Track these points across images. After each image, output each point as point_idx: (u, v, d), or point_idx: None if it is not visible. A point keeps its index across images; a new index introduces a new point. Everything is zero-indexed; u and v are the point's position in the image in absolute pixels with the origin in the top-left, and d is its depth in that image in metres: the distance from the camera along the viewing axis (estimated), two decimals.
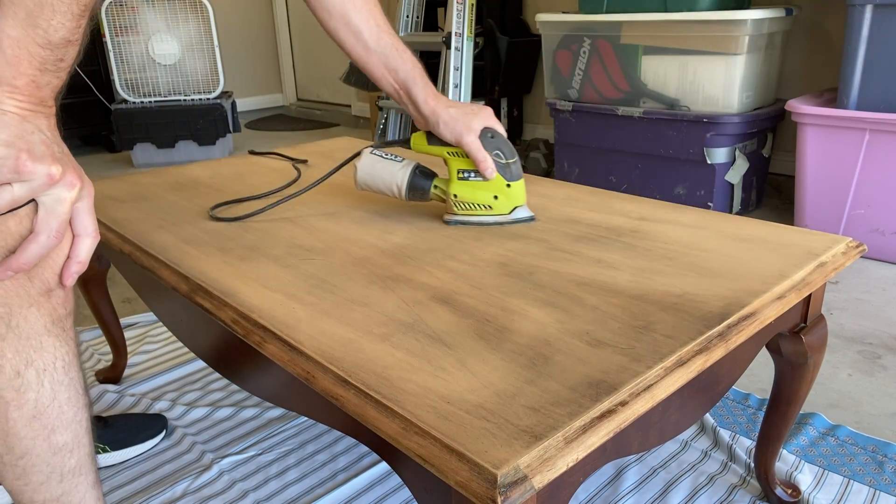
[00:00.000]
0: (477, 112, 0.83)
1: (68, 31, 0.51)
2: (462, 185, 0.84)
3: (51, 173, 0.52)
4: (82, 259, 0.58)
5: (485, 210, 0.84)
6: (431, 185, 0.87)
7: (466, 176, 0.84)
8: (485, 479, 0.41)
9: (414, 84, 0.83)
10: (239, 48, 4.51)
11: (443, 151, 0.84)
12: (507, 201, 0.84)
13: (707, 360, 0.55)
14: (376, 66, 0.84)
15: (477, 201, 0.84)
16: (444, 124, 0.82)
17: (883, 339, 1.40)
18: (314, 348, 0.56)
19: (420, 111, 0.84)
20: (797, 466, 1.01)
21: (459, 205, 0.84)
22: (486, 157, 0.82)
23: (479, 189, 0.84)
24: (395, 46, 0.84)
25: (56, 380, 0.60)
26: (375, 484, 1.01)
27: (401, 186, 0.86)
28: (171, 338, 1.49)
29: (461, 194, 0.84)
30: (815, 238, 0.77)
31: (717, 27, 1.93)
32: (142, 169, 3.12)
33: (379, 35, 0.84)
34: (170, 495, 1.01)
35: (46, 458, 0.61)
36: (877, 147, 1.72)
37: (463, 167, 0.84)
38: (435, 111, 0.83)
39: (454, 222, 0.85)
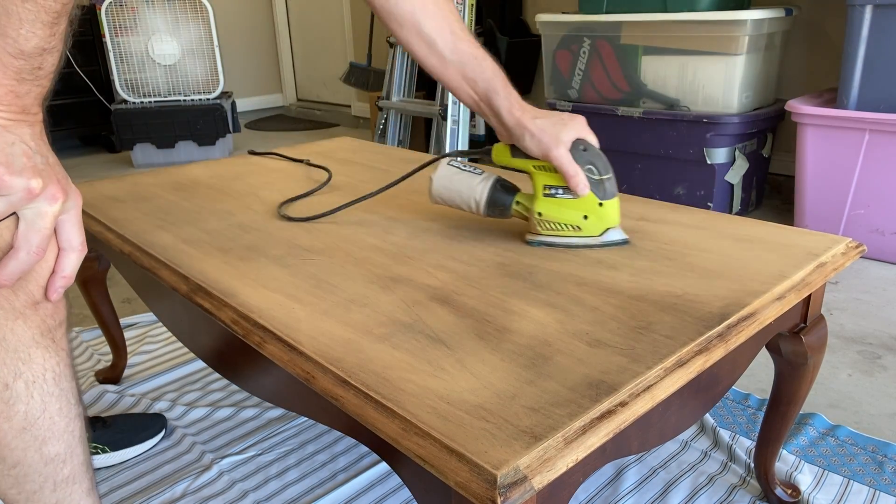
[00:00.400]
0: (567, 122, 0.75)
1: (41, 39, 0.50)
2: (548, 202, 0.77)
3: (30, 187, 0.51)
4: (67, 274, 0.57)
5: (572, 231, 0.77)
6: (513, 200, 0.80)
7: (554, 193, 0.76)
8: (484, 479, 0.41)
9: (496, 94, 0.77)
10: (239, 48, 4.51)
11: (528, 165, 0.77)
12: (598, 221, 0.76)
13: (707, 361, 0.55)
14: (453, 77, 0.79)
15: (564, 221, 0.76)
16: (530, 136, 0.75)
17: (883, 339, 1.40)
18: (314, 348, 0.56)
19: (503, 122, 0.77)
20: (797, 466, 1.01)
21: (544, 224, 0.77)
22: (577, 171, 0.74)
23: (568, 207, 0.76)
24: (474, 55, 0.78)
25: (46, 391, 0.59)
26: (375, 484, 1.01)
27: (479, 201, 0.80)
28: (170, 338, 1.49)
29: (547, 212, 0.77)
30: (815, 238, 0.77)
31: (716, 27, 1.93)
32: (141, 169, 3.12)
33: (455, 44, 0.78)
34: (170, 495, 1.01)
35: (38, 469, 0.61)
36: (877, 147, 1.72)
37: (550, 183, 0.76)
38: (520, 122, 0.76)
39: (537, 243, 0.78)
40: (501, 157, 0.80)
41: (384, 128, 2.95)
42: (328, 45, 4.40)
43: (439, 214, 0.90)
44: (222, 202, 1.00)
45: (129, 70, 3.05)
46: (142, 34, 3.04)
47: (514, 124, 0.76)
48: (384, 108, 2.93)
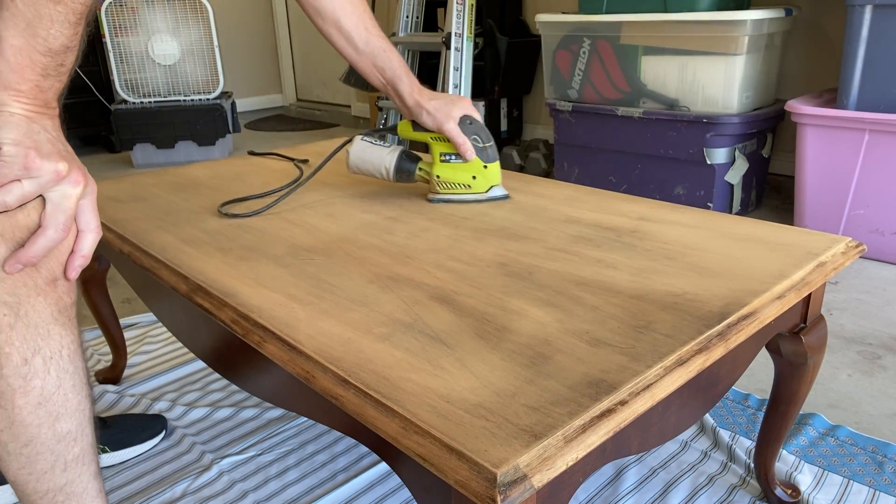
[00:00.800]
0: (456, 101, 0.93)
1: (67, 38, 0.54)
2: (444, 166, 0.94)
3: (58, 170, 0.55)
4: (85, 253, 0.60)
5: (464, 189, 0.94)
6: (416, 167, 0.97)
7: (448, 158, 0.94)
8: (484, 478, 0.41)
9: (400, 81, 0.93)
10: (239, 48, 4.51)
11: (426, 137, 0.95)
12: (484, 181, 0.94)
13: (707, 360, 0.55)
14: (366, 65, 0.94)
15: (458, 181, 0.94)
16: (426, 114, 0.92)
17: (882, 339, 1.40)
18: (314, 348, 0.56)
19: (405, 104, 0.94)
20: (797, 467, 1.01)
21: (442, 184, 0.94)
22: (465, 140, 0.92)
23: (460, 170, 0.94)
24: (383, 48, 0.93)
25: (62, 367, 0.62)
26: (375, 484, 1.01)
27: (389, 169, 0.96)
28: (170, 338, 1.49)
29: (444, 175, 0.94)
30: (815, 238, 0.77)
31: (716, 27, 1.93)
32: (141, 169, 3.12)
33: (368, 38, 0.93)
34: (169, 496, 1.01)
35: (51, 446, 0.63)
36: (876, 147, 1.72)
37: (445, 150, 0.94)
38: (419, 103, 0.93)
39: (437, 200, 0.95)
40: (405, 132, 0.97)
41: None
42: (328, 45, 4.40)
43: (439, 215, 0.90)
44: (222, 202, 1.00)
45: (128, 70, 3.05)
46: (142, 34, 3.04)
47: (414, 104, 0.93)
48: (384, 108, 2.93)
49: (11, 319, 0.58)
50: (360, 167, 0.97)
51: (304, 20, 4.53)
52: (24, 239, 0.57)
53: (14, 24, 0.52)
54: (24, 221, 0.56)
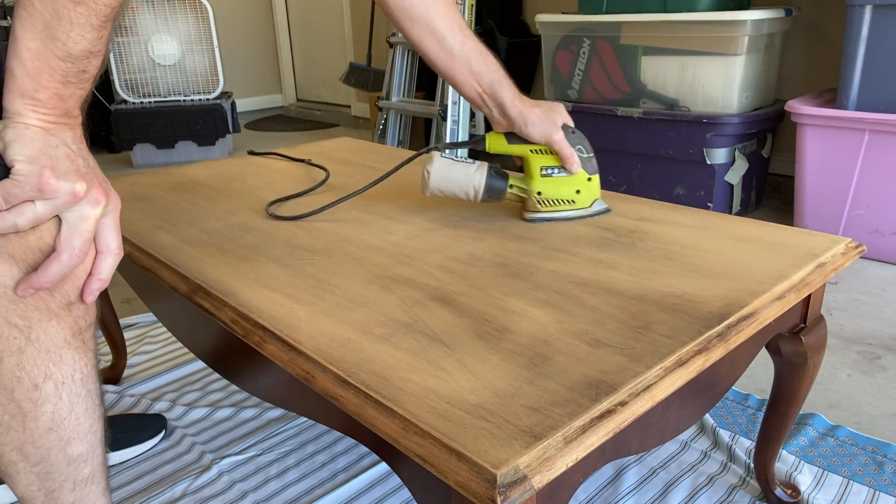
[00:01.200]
0: (556, 109, 0.85)
1: (89, 42, 0.50)
2: (545, 181, 0.85)
3: (75, 191, 0.51)
4: (104, 276, 0.57)
5: (568, 205, 0.85)
6: (508, 184, 0.86)
7: (550, 172, 0.85)
8: (484, 478, 0.41)
9: (500, 87, 0.83)
10: (239, 48, 4.51)
11: (525, 150, 0.85)
12: (588, 195, 0.86)
13: (706, 361, 0.55)
14: (460, 71, 0.84)
15: (561, 196, 0.85)
16: (531, 124, 0.83)
17: (882, 339, 1.40)
18: (314, 348, 0.56)
19: (507, 113, 0.84)
20: (797, 467, 1.01)
21: (543, 202, 0.85)
22: (573, 152, 0.83)
23: (563, 185, 0.85)
24: (479, 51, 0.84)
25: (74, 392, 0.60)
26: (375, 484, 1.01)
27: (478, 189, 0.85)
28: (170, 338, 1.49)
29: (546, 191, 0.85)
30: (815, 238, 0.77)
31: (716, 28, 1.93)
32: (141, 169, 3.12)
33: (463, 41, 0.83)
34: (169, 496, 1.01)
35: (61, 468, 0.61)
36: (876, 147, 1.72)
37: (547, 164, 0.84)
38: (522, 112, 0.83)
39: (538, 219, 0.85)
40: (497, 144, 0.86)
41: (384, 128, 2.95)
42: (328, 45, 4.40)
43: (439, 214, 0.90)
44: (222, 202, 1.00)
45: (128, 70, 3.05)
46: (142, 34, 3.04)
47: (517, 114, 0.83)
48: (384, 108, 2.93)
49: (22, 343, 0.55)
50: (441, 188, 0.86)
51: (304, 20, 4.53)
52: (36, 261, 0.53)
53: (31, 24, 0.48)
54: (36, 243, 0.53)
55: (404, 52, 2.87)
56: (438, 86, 2.60)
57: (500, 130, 0.87)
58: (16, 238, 0.52)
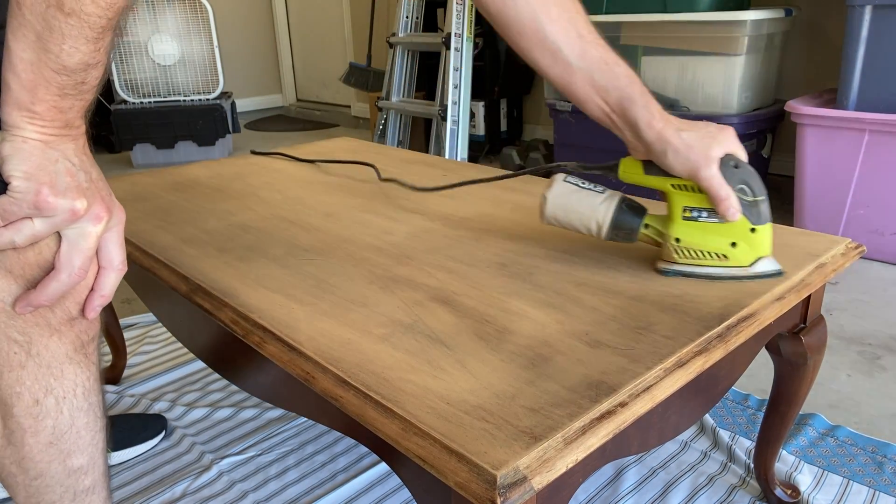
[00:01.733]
0: (716, 135, 0.65)
1: (84, 55, 0.47)
2: (688, 226, 0.67)
3: (74, 209, 0.49)
4: (106, 293, 0.55)
5: (717, 260, 0.67)
6: (642, 223, 0.70)
7: (696, 216, 0.67)
8: (484, 479, 0.41)
9: (632, 104, 0.67)
10: (239, 48, 4.51)
11: (665, 184, 0.68)
12: (748, 250, 0.66)
13: (706, 361, 0.55)
14: (580, 86, 0.69)
15: (708, 249, 0.67)
16: (674, 153, 0.65)
17: (882, 339, 1.40)
18: (314, 349, 0.56)
19: (642, 136, 0.67)
20: (797, 467, 1.01)
21: (682, 252, 0.67)
22: (729, 193, 0.64)
23: (713, 233, 0.66)
24: (605, 60, 0.68)
25: (75, 406, 0.59)
26: (375, 485, 1.01)
27: (602, 224, 0.70)
28: (170, 338, 1.49)
29: (686, 238, 0.67)
30: (815, 239, 0.77)
31: (716, 28, 1.93)
32: (141, 169, 3.12)
33: (583, 48, 0.68)
34: (169, 496, 1.01)
35: (61, 480, 0.61)
36: (876, 148, 1.72)
37: (692, 204, 0.67)
38: (662, 136, 0.66)
39: (672, 273, 0.68)
40: (631, 174, 0.71)
41: (384, 128, 2.95)
42: (328, 45, 4.40)
43: (439, 215, 0.90)
44: (222, 202, 1.00)
45: (128, 70, 3.05)
46: (141, 34, 3.04)
47: (655, 138, 0.66)
48: (384, 108, 2.93)
49: (22, 358, 0.54)
50: (559, 218, 0.72)
51: (304, 20, 4.53)
52: (35, 277, 0.52)
53: (23, 34, 0.46)
54: (34, 259, 0.52)
55: (404, 52, 2.87)
56: (438, 86, 2.60)
57: (635, 155, 0.71)
58: (13, 254, 0.51)
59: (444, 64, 2.56)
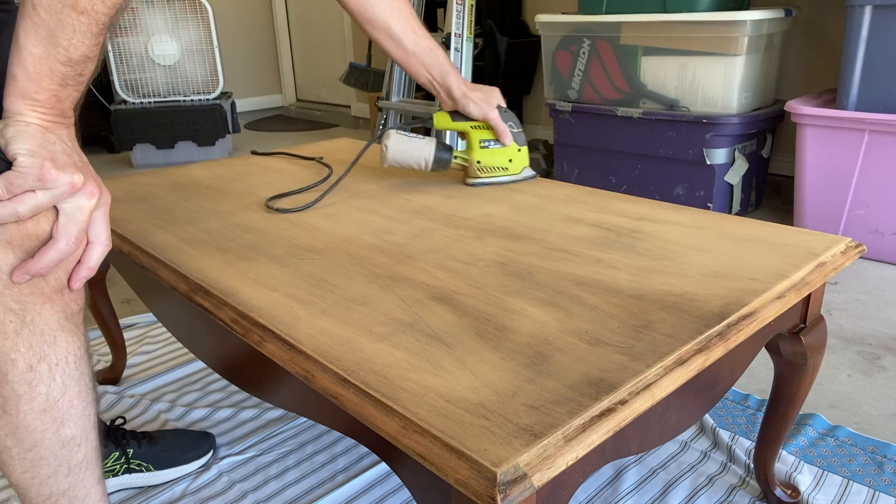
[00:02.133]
0: (491, 92, 1.03)
1: (87, 48, 0.54)
2: (484, 152, 1.02)
3: (73, 182, 0.55)
4: (92, 265, 0.60)
5: (503, 171, 1.03)
6: (452, 155, 1.02)
7: (487, 144, 1.02)
8: (484, 477, 0.41)
9: (447, 75, 1.00)
10: (238, 49, 4.51)
11: (466, 126, 1.02)
12: (519, 163, 1.03)
13: (706, 360, 0.55)
14: (414, 64, 1.01)
15: (497, 164, 1.02)
16: (473, 104, 1.00)
17: (882, 339, 1.40)
18: (313, 347, 0.56)
19: (453, 95, 1.01)
20: (796, 467, 1.01)
21: (483, 169, 1.02)
22: (506, 128, 1.01)
23: (498, 154, 1.02)
24: (430, 48, 1.00)
25: (67, 374, 0.62)
26: (375, 485, 1.01)
27: (428, 160, 1.00)
28: (170, 338, 1.49)
29: (484, 160, 1.02)
30: (815, 238, 0.77)
31: (716, 28, 1.93)
32: (141, 169, 3.11)
33: (416, 40, 0.99)
34: (169, 496, 1.01)
35: (55, 451, 0.62)
36: (876, 148, 1.72)
37: (484, 137, 1.02)
38: (466, 94, 1.00)
39: (478, 184, 1.02)
40: (443, 122, 1.03)
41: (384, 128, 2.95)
42: (328, 45, 4.40)
43: (439, 215, 0.90)
44: (222, 202, 1.00)
45: (128, 70, 3.05)
46: (141, 34, 3.04)
47: (461, 96, 1.00)
48: (384, 108, 2.93)
49: (17, 326, 0.57)
50: (398, 160, 1.00)
51: (304, 20, 4.53)
52: (32, 248, 0.56)
53: (35, 32, 0.52)
54: (33, 230, 0.56)
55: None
56: None
57: (446, 109, 1.03)
58: (14, 226, 0.55)
59: None
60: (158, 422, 1.19)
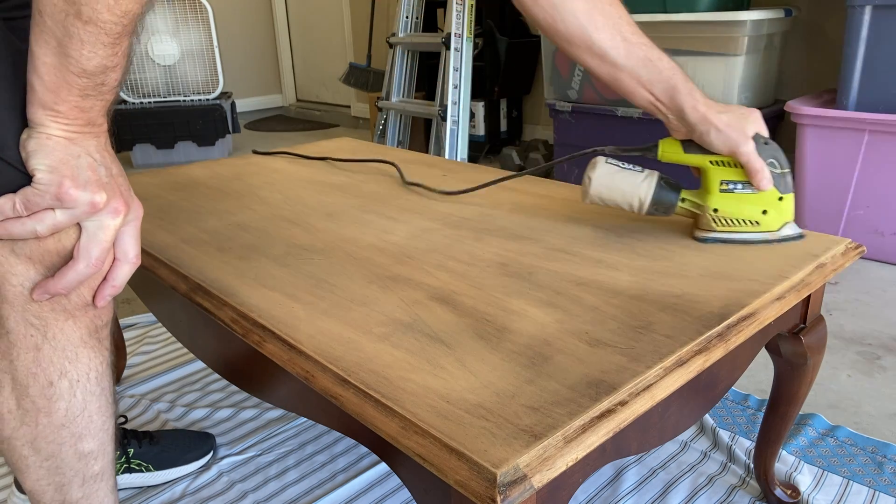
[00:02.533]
0: (748, 116, 0.75)
1: (102, 58, 0.50)
2: (725, 197, 0.76)
3: (94, 201, 0.52)
4: (118, 284, 0.57)
5: (750, 226, 0.76)
6: (679, 197, 0.79)
7: (731, 188, 0.76)
8: (484, 478, 0.41)
9: (677, 92, 0.76)
10: (238, 49, 4.51)
11: (704, 161, 0.76)
12: (777, 216, 0.75)
13: (706, 361, 0.55)
14: (627, 82, 0.78)
15: (743, 217, 0.76)
16: (716, 132, 0.74)
17: (882, 339, 1.40)
18: (313, 347, 0.56)
19: (686, 119, 0.76)
20: (796, 467, 1.01)
21: (720, 220, 0.76)
22: (763, 166, 0.73)
23: (746, 203, 0.76)
24: (648, 58, 0.77)
25: (88, 390, 0.61)
26: (375, 485, 1.01)
27: (644, 199, 0.78)
28: (170, 338, 1.49)
29: (724, 208, 0.76)
30: (815, 239, 0.77)
31: (716, 28, 1.93)
32: (141, 169, 3.12)
33: (628, 50, 0.77)
34: (169, 496, 1.01)
35: (71, 464, 0.62)
36: (876, 148, 1.72)
37: (728, 178, 0.76)
38: (706, 118, 0.75)
39: (711, 240, 0.77)
40: (671, 153, 0.78)
41: (384, 128, 2.95)
42: (328, 45, 4.40)
43: (439, 215, 0.90)
44: (222, 202, 1.00)
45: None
46: (141, 34, 3.04)
47: (699, 120, 0.75)
48: (384, 108, 2.93)
49: (38, 341, 0.56)
50: (603, 197, 0.80)
51: (304, 20, 4.53)
52: (54, 264, 0.54)
53: (45, 41, 0.48)
54: (54, 247, 0.54)
55: (404, 52, 2.87)
56: (438, 86, 2.60)
57: (677, 137, 0.79)
58: (35, 242, 0.53)
59: (443, 64, 2.56)
60: (158, 422, 1.19)
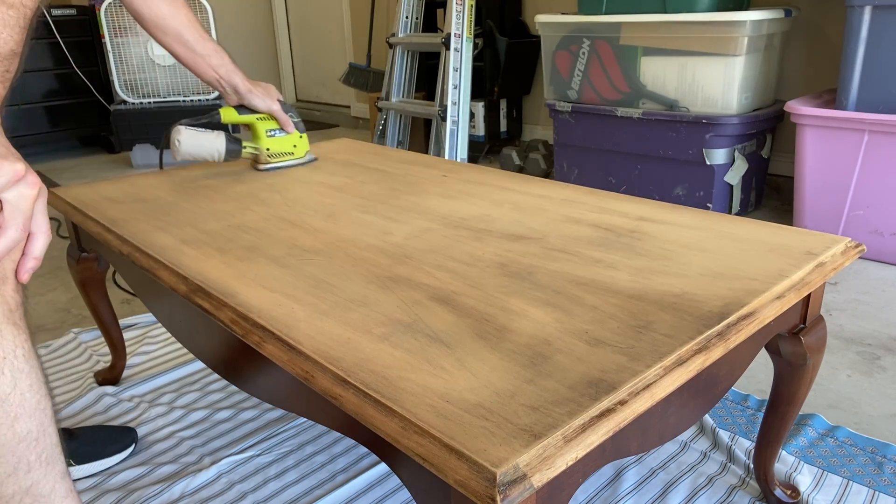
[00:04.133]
0: (271, 88, 1.19)
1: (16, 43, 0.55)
2: (271, 140, 1.18)
3: (16, 170, 0.55)
4: (37, 255, 0.60)
5: (289, 156, 1.19)
6: (242, 146, 1.16)
7: (273, 133, 1.18)
8: (484, 477, 0.41)
9: (233, 74, 1.14)
10: (238, 49, 4.51)
11: (251, 118, 1.17)
12: (302, 148, 1.21)
13: (706, 360, 0.55)
14: (202, 65, 1.12)
15: (284, 150, 1.19)
16: (258, 98, 1.15)
17: (882, 340, 1.40)
18: (313, 348, 0.56)
19: (238, 91, 1.15)
20: (796, 467, 1.01)
21: (273, 155, 1.18)
22: (288, 119, 1.18)
23: (284, 142, 1.19)
24: (216, 49, 1.13)
25: (16, 367, 0.61)
26: (374, 485, 1.01)
27: (221, 151, 1.12)
28: (169, 339, 1.49)
29: (272, 147, 1.18)
30: (814, 238, 0.77)
31: (716, 28, 1.93)
32: (141, 170, 3.12)
33: (203, 43, 1.11)
34: (167, 496, 1.01)
35: (11, 447, 0.61)
36: (876, 148, 1.72)
37: (270, 127, 1.17)
38: (251, 90, 1.15)
39: (269, 168, 1.17)
40: (230, 116, 1.15)
41: (384, 129, 2.95)
42: (328, 45, 4.40)
43: (439, 215, 0.90)
44: (221, 203, 1.00)
45: (128, 71, 3.05)
46: (141, 35, 3.04)
47: (247, 91, 1.15)
48: (384, 108, 2.93)
49: None
50: (191, 153, 1.10)
51: (303, 21, 4.53)
52: None
53: None
54: None
55: (404, 52, 2.87)
56: (438, 86, 2.61)
57: (230, 104, 1.16)
58: None
59: (443, 64, 2.56)
60: (158, 422, 1.19)
